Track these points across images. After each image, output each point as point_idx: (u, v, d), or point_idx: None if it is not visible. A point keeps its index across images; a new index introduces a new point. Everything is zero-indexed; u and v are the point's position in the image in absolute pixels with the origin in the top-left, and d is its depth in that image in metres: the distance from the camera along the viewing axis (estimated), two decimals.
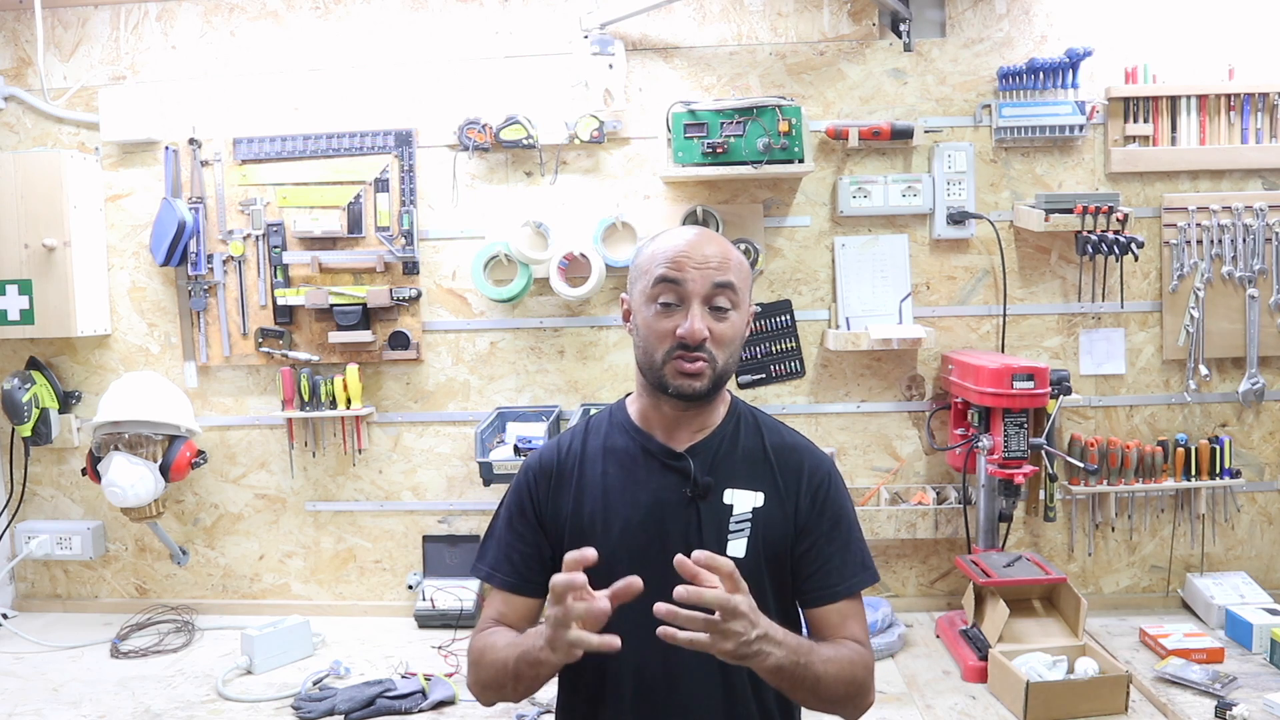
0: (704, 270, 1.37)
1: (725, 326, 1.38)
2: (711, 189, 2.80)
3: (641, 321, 1.41)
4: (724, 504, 1.41)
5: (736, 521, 1.41)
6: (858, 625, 1.43)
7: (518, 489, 1.51)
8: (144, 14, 2.89)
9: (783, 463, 1.46)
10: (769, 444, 1.47)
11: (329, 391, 2.81)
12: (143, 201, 2.91)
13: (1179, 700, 2.15)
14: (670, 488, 1.42)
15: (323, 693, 2.33)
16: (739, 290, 1.40)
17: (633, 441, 1.47)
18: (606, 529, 1.41)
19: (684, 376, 1.37)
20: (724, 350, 1.39)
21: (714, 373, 1.38)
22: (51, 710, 2.34)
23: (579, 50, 2.67)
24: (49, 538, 2.95)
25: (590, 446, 1.49)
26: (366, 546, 2.96)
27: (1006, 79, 2.72)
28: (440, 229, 2.86)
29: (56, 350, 2.98)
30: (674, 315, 1.37)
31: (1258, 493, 2.80)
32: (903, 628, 2.60)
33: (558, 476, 1.48)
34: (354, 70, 2.86)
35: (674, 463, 1.43)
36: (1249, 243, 2.71)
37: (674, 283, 1.37)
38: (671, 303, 1.38)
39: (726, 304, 1.38)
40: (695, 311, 1.36)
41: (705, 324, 1.36)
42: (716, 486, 1.42)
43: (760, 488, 1.43)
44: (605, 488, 1.45)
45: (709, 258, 1.38)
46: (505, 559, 1.47)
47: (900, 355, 2.82)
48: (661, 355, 1.38)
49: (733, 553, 1.39)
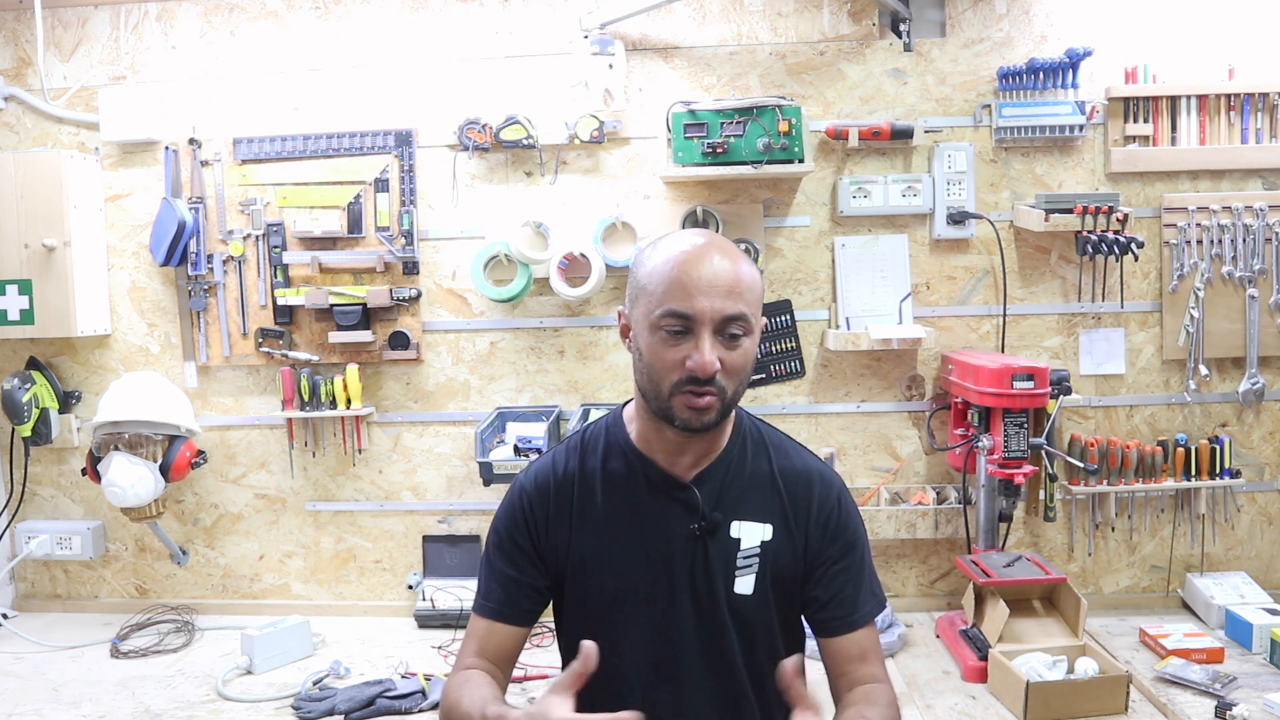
0: (714, 297, 1.23)
1: (737, 355, 1.27)
2: (711, 189, 2.80)
3: (645, 346, 1.28)
4: (731, 538, 1.34)
5: (744, 557, 1.34)
6: (877, 661, 1.36)
7: (511, 512, 1.42)
8: (144, 14, 2.89)
9: (792, 491, 1.38)
10: (777, 469, 1.39)
11: (329, 391, 2.81)
12: (143, 201, 2.91)
13: (1179, 700, 2.14)
14: (676, 521, 1.34)
15: (323, 693, 2.33)
16: (752, 318, 1.27)
17: (633, 468, 1.38)
18: (610, 565, 1.34)
19: (692, 411, 1.26)
20: (734, 380, 1.28)
21: (723, 404, 1.28)
22: (51, 710, 2.34)
23: (579, 50, 2.67)
24: (49, 538, 2.95)
25: (588, 468, 1.40)
26: (366, 546, 2.96)
27: (1006, 79, 2.72)
28: (440, 229, 2.86)
29: (56, 350, 2.98)
30: (682, 344, 1.25)
31: (1258, 493, 2.80)
32: (903, 628, 2.60)
33: (555, 502, 1.39)
34: (354, 70, 2.86)
35: (679, 494, 1.35)
36: (1249, 243, 2.71)
37: (683, 315, 1.24)
38: (680, 331, 1.25)
39: (739, 331, 1.26)
40: (706, 343, 1.23)
41: (716, 355, 1.24)
42: (724, 519, 1.34)
43: (769, 519, 1.36)
44: (606, 519, 1.37)
45: (720, 281, 1.24)
46: (493, 585, 1.40)
47: (900, 355, 2.82)
48: (668, 387, 1.26)
49: (740, 589, 1.33)
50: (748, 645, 1.35)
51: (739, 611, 1.34)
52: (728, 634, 1.34)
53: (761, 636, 1.36)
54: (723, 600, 1.33)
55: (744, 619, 1.35)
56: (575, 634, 1.32)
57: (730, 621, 1.33)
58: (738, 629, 1.34)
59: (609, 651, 1.24)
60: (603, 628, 1.32)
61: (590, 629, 1.31)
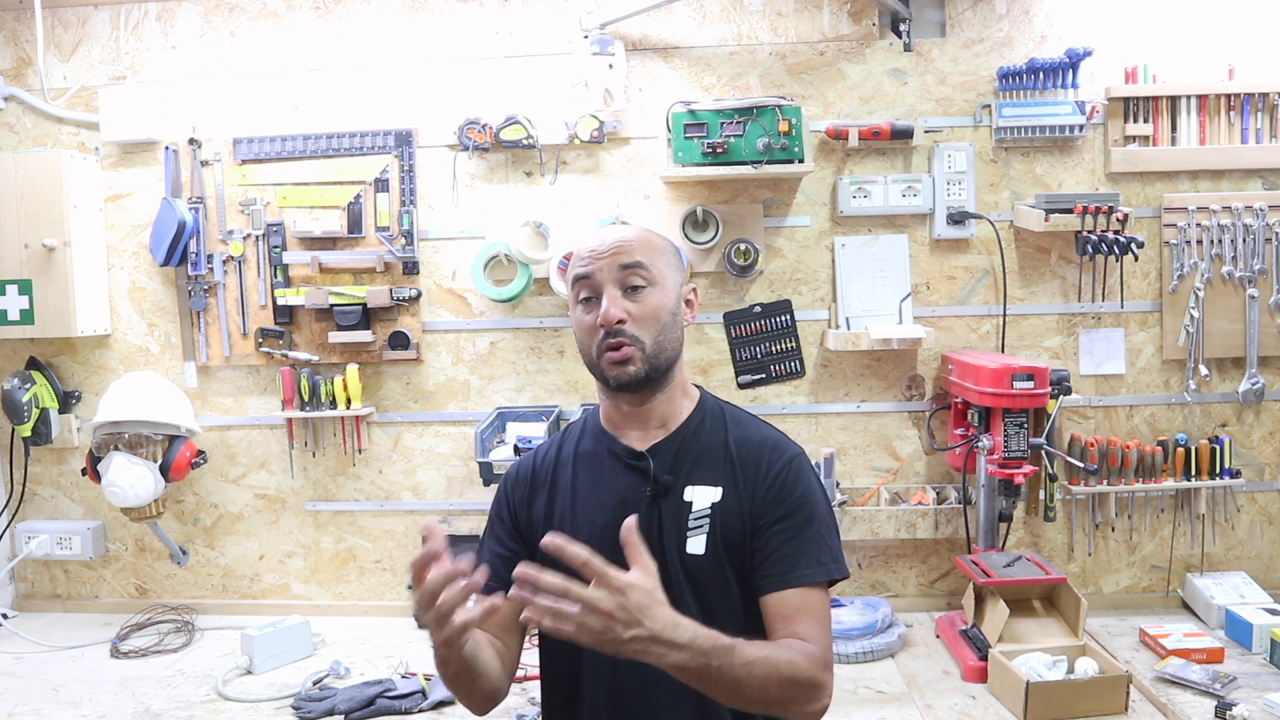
0: (609, 257, 1.39)
1: (642, 305, 1.38)
2: (711, 189, 2.80)
3: (575, 323, 1.44)
4: (684, 501, 1.41)
5: (695, 518, 1.40)
6: (810, 622, 1.34)
7: (497, 498, 1.55)
8: (144, 14, 2.89)
9: (744, 456, 1.43)
10: (731, 438, 1.45)
11: (329, 391, 2.81)
12: (143, 201, 2.91)
13: (1179, 700, 2.15)
14: (633, 488, 1.42)
15: (323, 693, 2.33)
16: (650, 267, 1.40)
17: (600, 444, 1.49)
18: (574, 531, 1.39)
19: (615, 365, 1.38)
20: (648, 329, 1.38)
21: (644, 354, 1.38)
22: (51, 710, 2.34)
23: (579, 50, 2.67)
24: (49, 538, 2.95)
25: (564, 453, 1.52)
26: (366, 546, 2.96)
27: (1006, 79, 2.72)
28: (440, 229, 2.86)
29: (56, 350, 2.98)
30: (594, 309, 1.39)
31: (1258, 493, 2.80)
32: (903, 628, 2.60)
33: (532, 484, 1.51)
34: (354, 70, 2.86)
35: (635, 463, 1.44)
36: (1249, 243, 2.71)
37: (586, 278, 1.40)
38: (589, 297, 1.40)
39: (640, 282, 1.39)
40: (607, 296, 1.37)
41: (620, 307, 1.37)
42: (677, 484, 1.42)
43: (719, 483, 1.42)
44: (574, 491, 1.47)
45: (613, 245, 1.40)
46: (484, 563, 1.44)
47: (900, 355, 2.82)
48: (595, 351, 1.39)
49: (692, 549, 1.38)
50: (706, 607, 1.37)
51: (692, 571, 1.39)
52: (684, 594, 1.37)
53: (718, 598, 1.39)
54: (676, 560, 1.38)
55: (698, 579, 1.39)
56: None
57: (685, 582, 1.38)
58: (693, 590, 1.38)
59: None
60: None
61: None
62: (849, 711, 2.20)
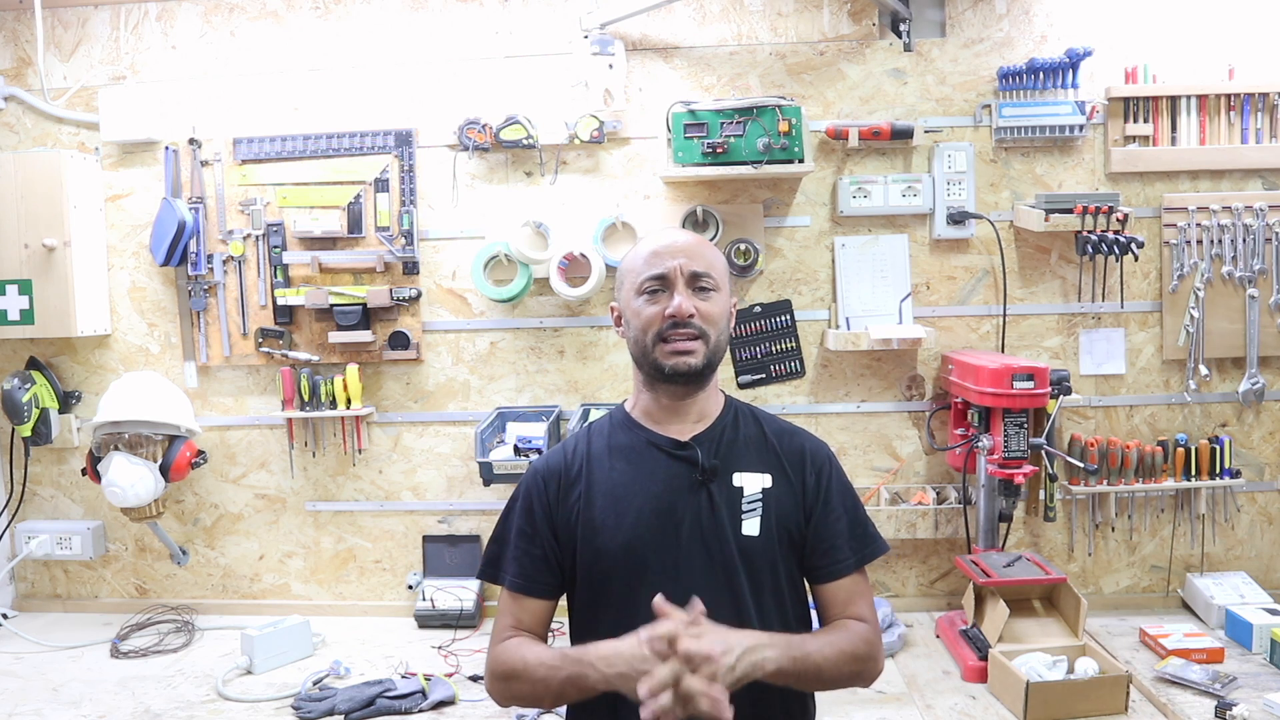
0: (681, 258, 1.48)
1: (710, 304, 1.48)
2: (711, 189, 2.80)
3: (631, 314, 1.50)
4: (734, 486, 1.48)
5: (749, 502, 1.47)
6: (864, 603, 1.50)
7: (527, 493, 1.55)
8: (144, 14, 2.89)
9: (785, 447, 1.53)
10: (768, 431, 1.56)
11: (329, 391, 2.81)
12: (143, 201, 2.91)
13: (1179, 700, 2.15)
14: (679, 475, 1.48)
15: (323, 693, 2.33)
16: (716, 278, 1.50)
17: (637, 437, 1.54)
18: (620, 521, 1.46)
19: (678, 355, 1.45)
20: (712, 326, 1.47)
21: (707, 348, 1.47)
22: (51, 710, 2.34)
23: (579, 50, 2.67)
24: (49, 538, 2.95)
25: (595, 447, 1.55)
26: (366, 546, 2.96)
27: (1006, 79, 2.72)
28: (440, 229, 2.86)
29: (56, 350, 2.98)
30: (660, 300, 1.47)
31: (1258, 493, 2.80)
32: (903, 628, 2.60)
33: (566, 479, 1.53)
34: (354, 70, 2.86)
35: (680, 452, 1.50)
36: (1249, 243, 2.71)
37: (660, 275, 1.47)
38: (657, 290, 1.48)
39: (708, 285, 1.48)
40: (680, 290, 1.46)
41: (692, 302, 1.46)
42: (724, 471, 1.49)
43: (767, 470, 1.50)
44: (615, 482, 1.50)
45: (685, 247, 1.49)
46: (517, 562, 1.52)
47: (900, 355, 2.82)
48: (653, 338, 1.46)
49: (747, 531, 1.46)
50: (756, 588, 1.46)
51: (746, 552, 1.46)
52: (738, 575, 1.45)
53: (767, 579, 1.47)
54: (731, 541, 1.46)
55: (751, 559, 1.46)
56: (589, 596, 1.49)
57: (740, 563, 1.45)
58: (746, 569, 1.45)
59: (623, 604, 1.42)
60: (616, 582, 1.45)
61: (604, 586, 1.47)
62: (849, 711, 2.20)
